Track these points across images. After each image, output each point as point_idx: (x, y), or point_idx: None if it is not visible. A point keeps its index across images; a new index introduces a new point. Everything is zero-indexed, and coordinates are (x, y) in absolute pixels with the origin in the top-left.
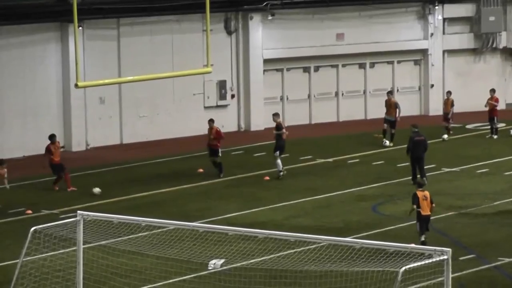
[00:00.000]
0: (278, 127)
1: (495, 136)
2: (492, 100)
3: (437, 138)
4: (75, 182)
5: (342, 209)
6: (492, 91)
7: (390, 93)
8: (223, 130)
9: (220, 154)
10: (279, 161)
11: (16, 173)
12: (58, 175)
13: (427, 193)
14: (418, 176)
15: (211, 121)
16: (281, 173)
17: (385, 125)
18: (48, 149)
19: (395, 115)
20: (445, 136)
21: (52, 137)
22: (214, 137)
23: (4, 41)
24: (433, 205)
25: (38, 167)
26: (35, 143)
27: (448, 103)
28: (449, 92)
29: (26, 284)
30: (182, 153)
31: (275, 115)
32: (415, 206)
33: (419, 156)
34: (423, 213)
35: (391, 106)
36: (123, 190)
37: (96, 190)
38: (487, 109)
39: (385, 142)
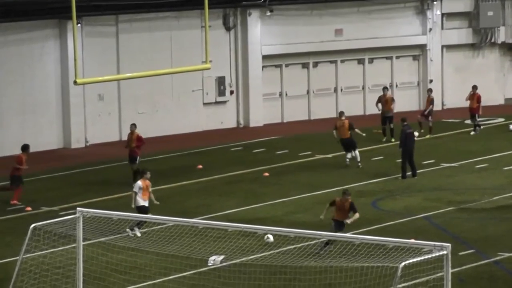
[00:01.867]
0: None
1: (473, 133)
2: (474, 97)
3: (436, 134)
4: (74, 180)
5: None
6: (474, 87)
7: (386, 89)
8: (222, 127)
9: (138, 162)
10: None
11: None
12: (13, 187)
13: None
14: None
15: (133, 125)
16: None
17: (383, 126)
18: (20, 159)
19: (392, 110)
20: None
21: (25, 148)
22: (135, 144)
23: (2, 38)
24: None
25: (36, 164)
26: (34, 140)
27: (428, 100)
28: (430, 90)
29: (26, 281)
30: (181, 150)
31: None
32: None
33: (411, 150)
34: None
35: (387, 101)
36: (122, 187)
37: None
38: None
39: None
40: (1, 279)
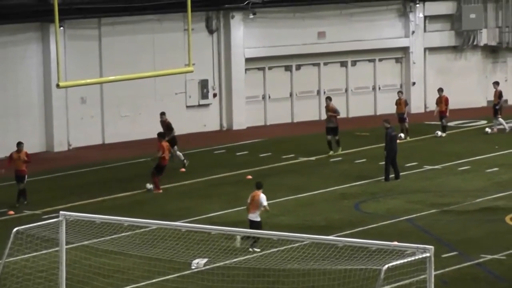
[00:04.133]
0: None
1: (443, 134)
2: (442, 99)
3: (418, 136)
4: (57, 183)
5: (324, 207)
6: (440, 90)
7: (400, 92)
8: (205, 130)
9: (25, 181)
10: None
11: None
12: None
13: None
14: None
15: (20, 144)
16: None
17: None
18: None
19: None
20: (402, 135)
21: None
22: (24, 161)
23: None
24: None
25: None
26: (29, 140)
27: (400, 103)
28: (400, 92)
29: (8, 285)
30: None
31: None
32: None
33: (395, 152)
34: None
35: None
36: (105, 190)
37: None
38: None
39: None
40: None
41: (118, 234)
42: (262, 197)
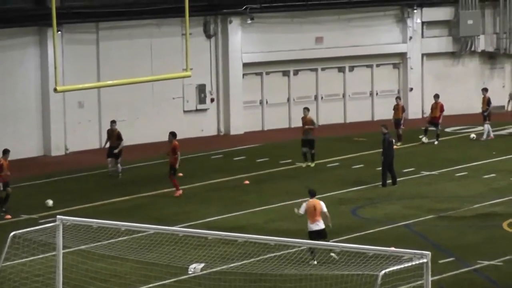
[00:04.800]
0: None
1: (436, 142)
2: (437, 106)
3: (416, 142)
4: (54, 187)
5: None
6: (436, 96)
7: (398, 98)
8: (202, 134)
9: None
10: None
11: None
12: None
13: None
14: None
15: (6, 152)
16: None
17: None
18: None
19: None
20: (398, 143)
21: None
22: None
23: None
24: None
25: (16, 172)
26: (14, 147)
27: (398, 108)
28: (398, 98)
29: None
30: (161, 157)
31: None
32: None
33: (392, 158)
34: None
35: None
36: (102, 194)
37: (49, 202)
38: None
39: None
40: None
41: (115, 239)
42: (323, 204)
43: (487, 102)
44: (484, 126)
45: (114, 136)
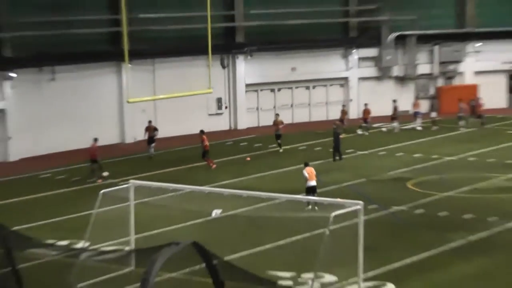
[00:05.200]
0: None
1: (366, 133)
2: (366, 111)
3: (354, 133)
4: (128, 163)
5: (294, 178)
6: (365, 105)
7: (344, 106)
8: (220, 129)
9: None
10: None
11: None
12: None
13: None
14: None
15: (96, 139)
16: None
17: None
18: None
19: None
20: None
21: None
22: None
23: (81, 73)
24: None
25: (104, 152)
26: (102, 137)
27: (343, 112)
28: (344, 106)
29: (95, 224)
30: (195, 144)
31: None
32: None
33: (339, 144)
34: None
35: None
36: (160, 166)
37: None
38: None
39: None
40: (79, 228)
41: (165, 195)
42: (314, 170)
43: (395, 108)
44: (394, 124)
45: (151, 129)
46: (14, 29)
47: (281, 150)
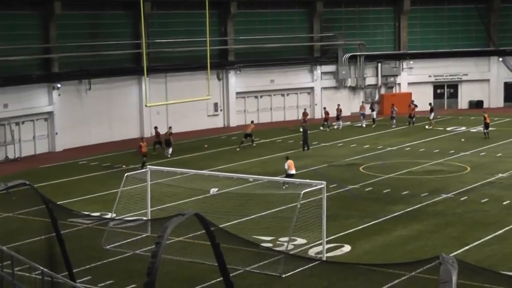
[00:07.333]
0: None
1: (327, 129)
2: (338, 109)
3: (317, 129)
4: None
5: (274, 163)
6: (324, 108)
7: (305, 108)
8: (216, 126)
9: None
10: None
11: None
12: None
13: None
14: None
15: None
16: None
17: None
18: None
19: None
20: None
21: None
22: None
23: (111, 84)
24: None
25: (127, 146)
26: (125, 134)
27: (325, 112)
28: (305, 109)
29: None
30: (197, 137)
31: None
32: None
33: (307, 138)
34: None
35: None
36: (166, 156)
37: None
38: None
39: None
40: (106, 203)
41: (174, 177)
42: (292, 162)
43: (339, 110)
44: (339, 122)
45: (167, 134)
46: (60, 51)
47: (254, 144)
